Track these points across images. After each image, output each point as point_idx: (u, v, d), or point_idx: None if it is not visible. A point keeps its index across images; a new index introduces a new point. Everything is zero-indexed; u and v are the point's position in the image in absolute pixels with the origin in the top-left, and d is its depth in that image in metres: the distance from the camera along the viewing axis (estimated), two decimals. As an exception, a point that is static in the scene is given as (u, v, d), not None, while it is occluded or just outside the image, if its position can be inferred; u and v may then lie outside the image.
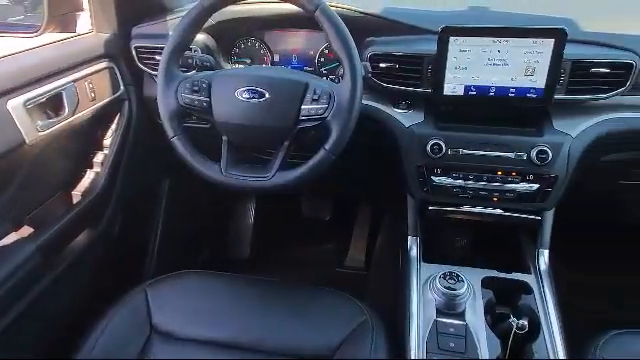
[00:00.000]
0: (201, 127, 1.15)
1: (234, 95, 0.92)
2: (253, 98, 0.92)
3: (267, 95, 0.91)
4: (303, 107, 0.91)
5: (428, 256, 1.11)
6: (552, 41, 0.93)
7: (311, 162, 0.91)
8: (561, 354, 0.88)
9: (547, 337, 0.91)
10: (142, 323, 0.97)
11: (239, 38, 1.24)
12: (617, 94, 0.98)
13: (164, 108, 0.95)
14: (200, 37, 1.17)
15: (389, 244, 1.71)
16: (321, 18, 0.89)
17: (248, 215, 1.93)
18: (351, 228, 1.90)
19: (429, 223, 1.17)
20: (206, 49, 1.18)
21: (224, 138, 0.97)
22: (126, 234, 1.35)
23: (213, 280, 1.08)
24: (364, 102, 1.11)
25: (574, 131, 1.01)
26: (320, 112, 0.90)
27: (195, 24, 0.96)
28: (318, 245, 1.91)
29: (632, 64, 0.96)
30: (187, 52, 1.08)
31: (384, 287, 1.45)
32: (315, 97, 0.90)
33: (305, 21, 0.91)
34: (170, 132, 0.96)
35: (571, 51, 0.96)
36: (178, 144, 0.95)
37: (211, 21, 1.15)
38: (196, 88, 0.94)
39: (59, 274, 1.11)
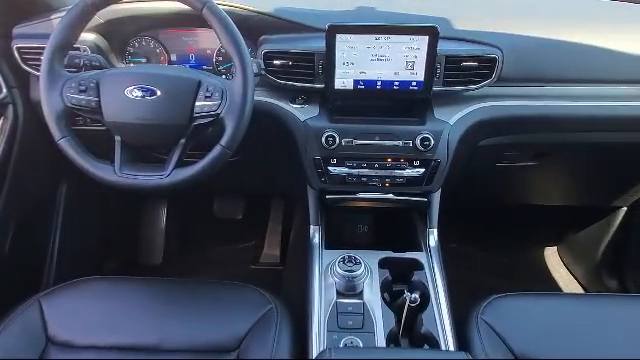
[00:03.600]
0: (96, 130, 1.11)
1: (124, 93, 0.91)
2: (144, 96, 0.91)
3: (159, 93, 0.91)
4: (197, 104, 0.92)
5: (332, 244, 1.17)
6: (426, 38, 1.02)
7: (207, 158, 0.92)
8: (446, 320, 0.97)
9: (435, 307, 1.00)
10: (36, 336, 0.93)
11: (132, 37, 1.22)
12: (485, 85, 1.10)
13: (49, 109, 0.92)
14: (90, 37, 1.13)
15: (301, 237, 1.76)
16: (209, 16, 0.91)
17: (159, 218, 1.88)
18: (265, 225, 1.92)
19: (331, 212, 1.23)
20: (97, 49, 1.14)
21: (117, 138, 0.96)
22: (19, 246, 1.27)
23: (114, 285, 1.05)
24: (263, 99, 1.15)
25: (452, 119, 1.12)
26: (214, 109, 0.92)
27: (78, 21, 0.93)
28: (232, 244, 1.90)
29: (496, 58, 1.07)
30: (75, 52, 1.04)
31: (297, 278, 1.49)
32: (208, 94, 0.92)
33: (200, 20, 0.92)
34: (57, 134, 0.92)
35: (445, 47, 1.06)
36: (66, 146, 0.92)
37: (99, 19, 1.12)
38: (83, 88, 0.92)
39: None
